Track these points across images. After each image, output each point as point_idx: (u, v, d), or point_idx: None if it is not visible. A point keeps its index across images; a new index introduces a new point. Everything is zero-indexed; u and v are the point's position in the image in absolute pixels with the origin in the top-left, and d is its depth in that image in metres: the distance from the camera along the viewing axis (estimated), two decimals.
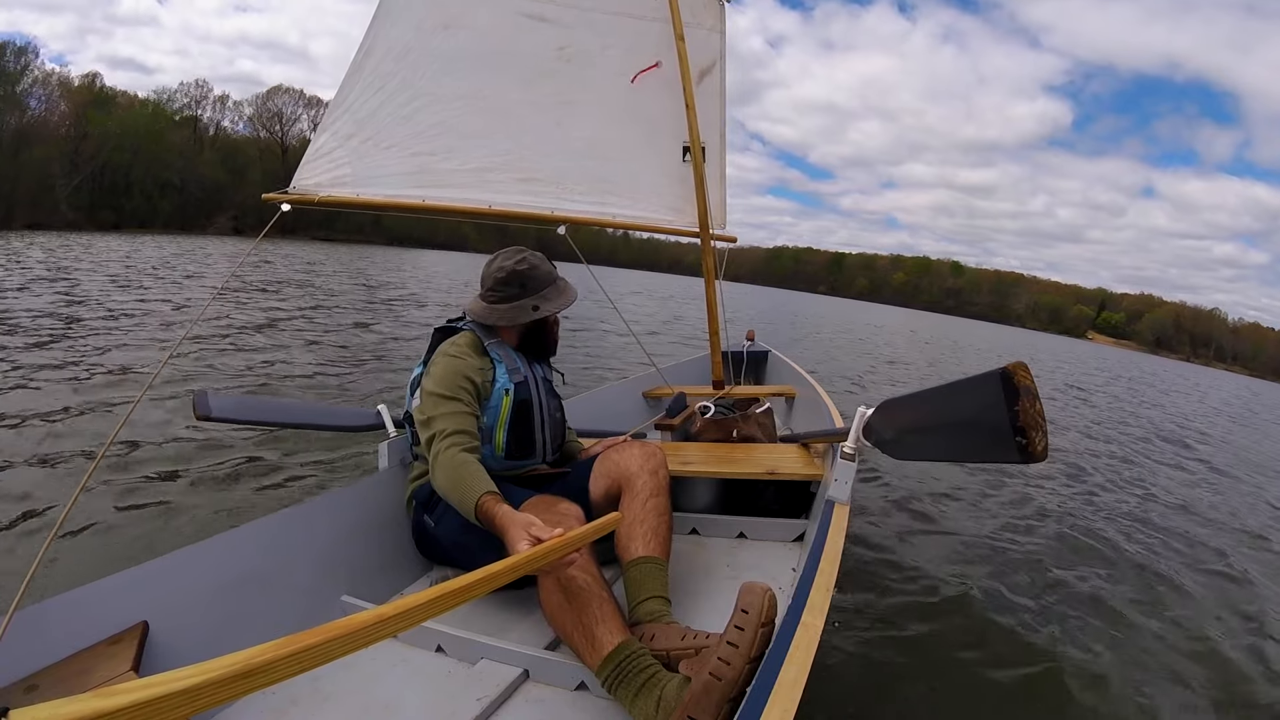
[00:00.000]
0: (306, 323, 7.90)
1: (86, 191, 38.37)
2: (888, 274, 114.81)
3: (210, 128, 53.17)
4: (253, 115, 56.64)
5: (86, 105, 41.55)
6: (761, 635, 0.99)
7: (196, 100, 52.65)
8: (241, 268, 13.13)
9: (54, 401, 3.74)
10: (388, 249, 45.36)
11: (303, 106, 57.85)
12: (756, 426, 2.34)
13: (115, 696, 0.46)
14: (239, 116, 55.99)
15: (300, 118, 57.54)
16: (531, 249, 1.72)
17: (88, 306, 7.35)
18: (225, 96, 55.36)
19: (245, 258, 6.81)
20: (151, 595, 1.21)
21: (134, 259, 15.20)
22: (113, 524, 2.40)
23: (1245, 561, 3.43)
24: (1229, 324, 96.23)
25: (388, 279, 17.35)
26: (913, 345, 20.12)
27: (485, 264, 1.71)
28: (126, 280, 10.70)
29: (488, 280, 1.67)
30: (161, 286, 10.40)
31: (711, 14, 3.29)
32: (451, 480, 1.36)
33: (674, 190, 3.13)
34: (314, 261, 20.77)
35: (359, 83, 2.59)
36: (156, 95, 50.42)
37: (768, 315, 22.44)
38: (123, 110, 44.65)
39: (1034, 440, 0.91)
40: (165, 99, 50.34)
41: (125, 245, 20.14)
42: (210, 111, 53.72)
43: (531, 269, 1.66)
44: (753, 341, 4.47)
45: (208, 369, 5.00)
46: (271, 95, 57.86)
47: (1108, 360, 34.42)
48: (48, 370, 4.44)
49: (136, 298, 8.54)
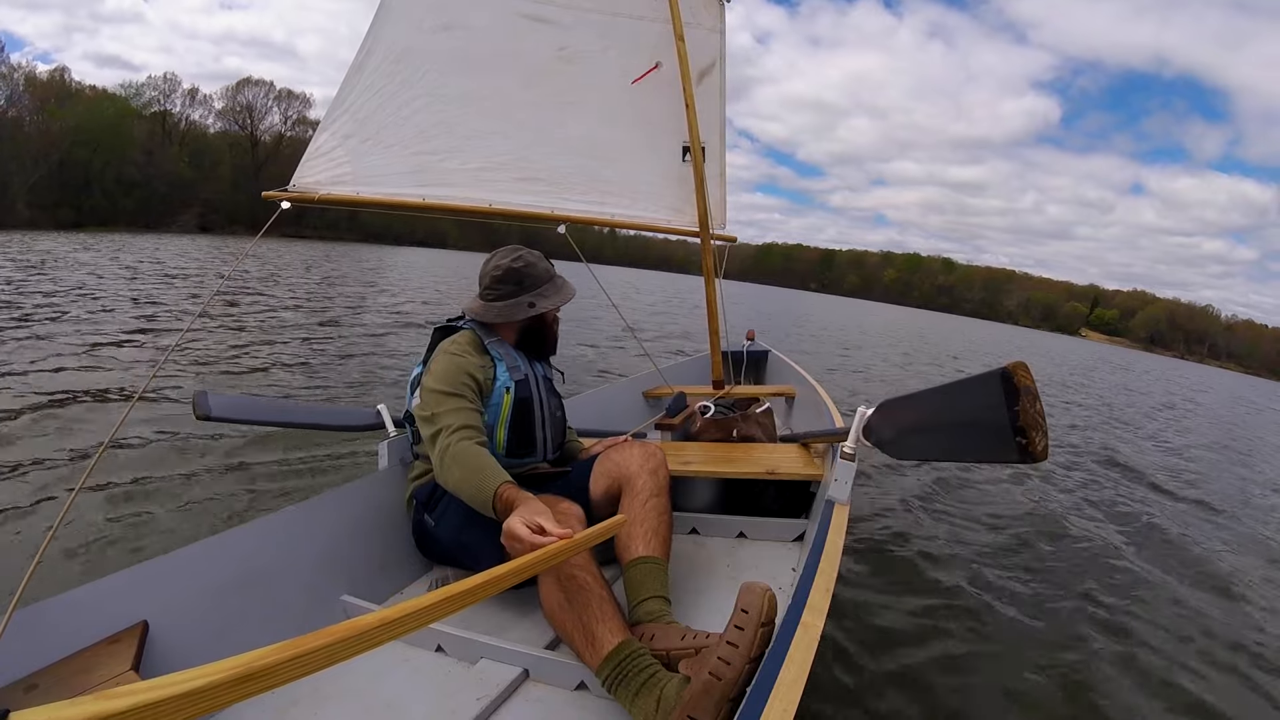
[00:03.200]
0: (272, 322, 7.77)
1: (45, 189, 36.24)
2: (878, 271, 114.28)
3: (180, 121, 50.80)
4: (223, 109, 53.71)
5: (50, 100, 39.73)
6: (761, 635, 0.99)
7: (165, 94, 50.35)
8: (238, 266, 12.92)
9: (53, 401, 3.74)
10: (362, 246, 43.49)
11: (274, 100, 55.57)
12: (756, 426, 2.34)
13: (116, 699, 0.46)
14: (209, 110, 53.02)
15: (271, 110, 55.39)
16: (531, 246, 1.74)
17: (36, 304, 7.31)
18: (195, 90, 52.55)
19: (243, 257, 6.77)
20: (151, 595, 1.21)
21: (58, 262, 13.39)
22: (112, 524, 2.40)
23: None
24: (1222, 321, 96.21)
25: (362, 284, 15.49)
26: (937, 358, 15.83)
27: (483, 263, 1.72)
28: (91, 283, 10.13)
29: (484, 279, 1.68)
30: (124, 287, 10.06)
31: (711, 14, 3.29)
32: (466, 472, 1.34)
33: (674, 190, 3.13)
34: (273, 260, 18.87)
35: (359, 83, 2.59)
36: (123, 89, 48.33)
37: (752, 316, 21.86)
38: (88, 104, 42.63)
39: (1034, 440, 0.91)
40: (132, 93, 48.29)
41: (68, 245, 18.31)
42: (180, 106, 51.47)
43: (528, 266, 1.66)
44: (753, 341, 4.47)
45: (198, 369, 5.00)
46: (242, 88, 54.47)
47: (1122, 360, 34.06)
48: (42, 371, 4.44)
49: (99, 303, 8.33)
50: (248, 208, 45.88)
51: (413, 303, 11.95)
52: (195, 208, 44.91)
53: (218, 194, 46.69)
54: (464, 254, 43.87)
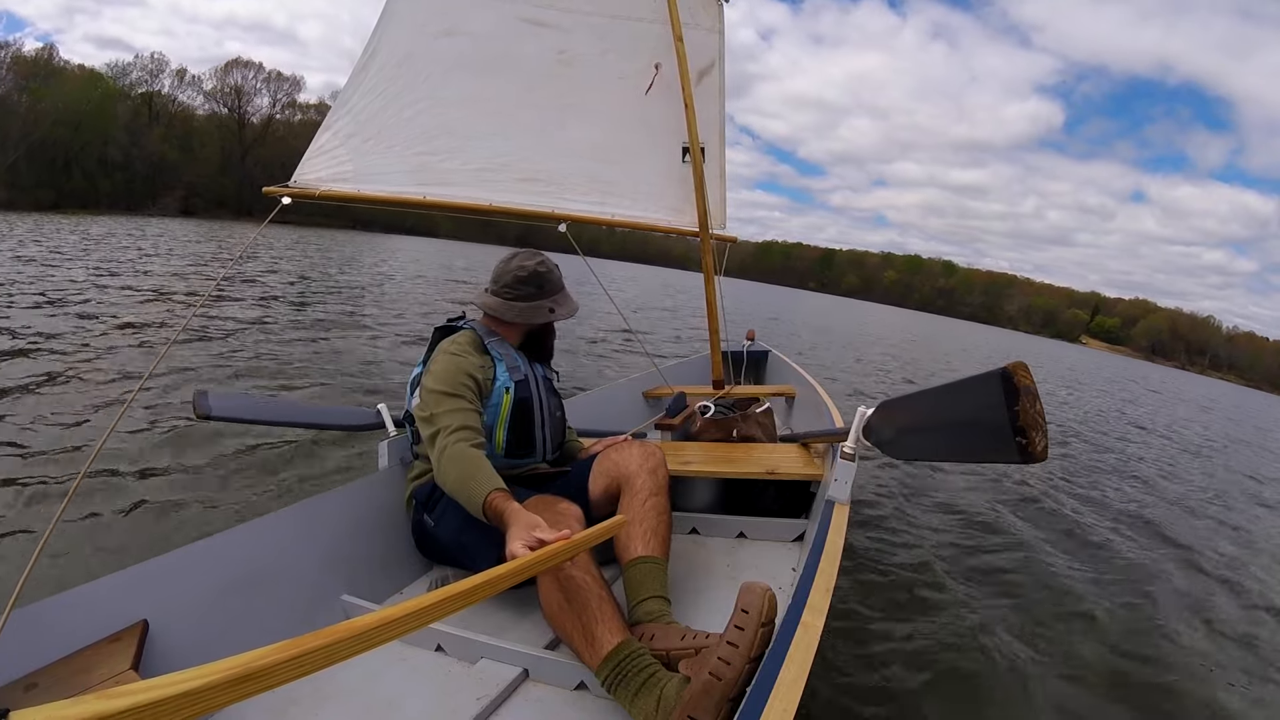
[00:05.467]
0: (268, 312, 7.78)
1: (24, 169, 35.34)
2: (878, 272, 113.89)
3: (170, 103, 49.36)
4: (211, 90, 51.98)
5: (34, 78, 38.61)
6: (761, 635, 0.99)
7: (153, 74, 48.76)
8: (241, 259, 12.69)
9: (50, 400, 3.73)
10: (352, 233, 41.93)
11: (263, 81, 54.00)
12: (756, 426, 2.34)
13: (116, 699, 0.46)
14: (198, 92, 51.60)
15: (261, 93, 53.83)
16: (516, 242, 1.74)
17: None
18: (183, 70, 51.12)
19: (245, 249, 6.73)
20: (151, 594, 1.21)
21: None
22: (111, 523, 2.39)
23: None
24: (1223, 333, 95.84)
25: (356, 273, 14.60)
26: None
27: (501, 261, 1.72)
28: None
29: (505, 277, 1.68)
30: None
31: (710, 14, 3.29)
32: (460, 475, 1.35)
33: (674, 190, 3.14)
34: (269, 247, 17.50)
35: (363, 84, 2.64)
36: (108, 69, 46.58)
37: (746, 315, 21.13)
38: (72, 83, 41.45)
39: (1034, 440, 0.91)
40: (118, 73, 46.86)
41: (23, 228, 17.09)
42: (168, 86, 49.69)
43: (549, 272, 1.69)
44: (753, 341, 4.47)
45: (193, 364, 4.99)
46: (230, 69, 52.88)
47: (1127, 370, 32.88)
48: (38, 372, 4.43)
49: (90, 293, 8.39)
50: (234, 191, 45.35)
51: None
52: (178, 190, 43.86)
53: (202, 177, 45.68)
54: (456, 244, 42.82)
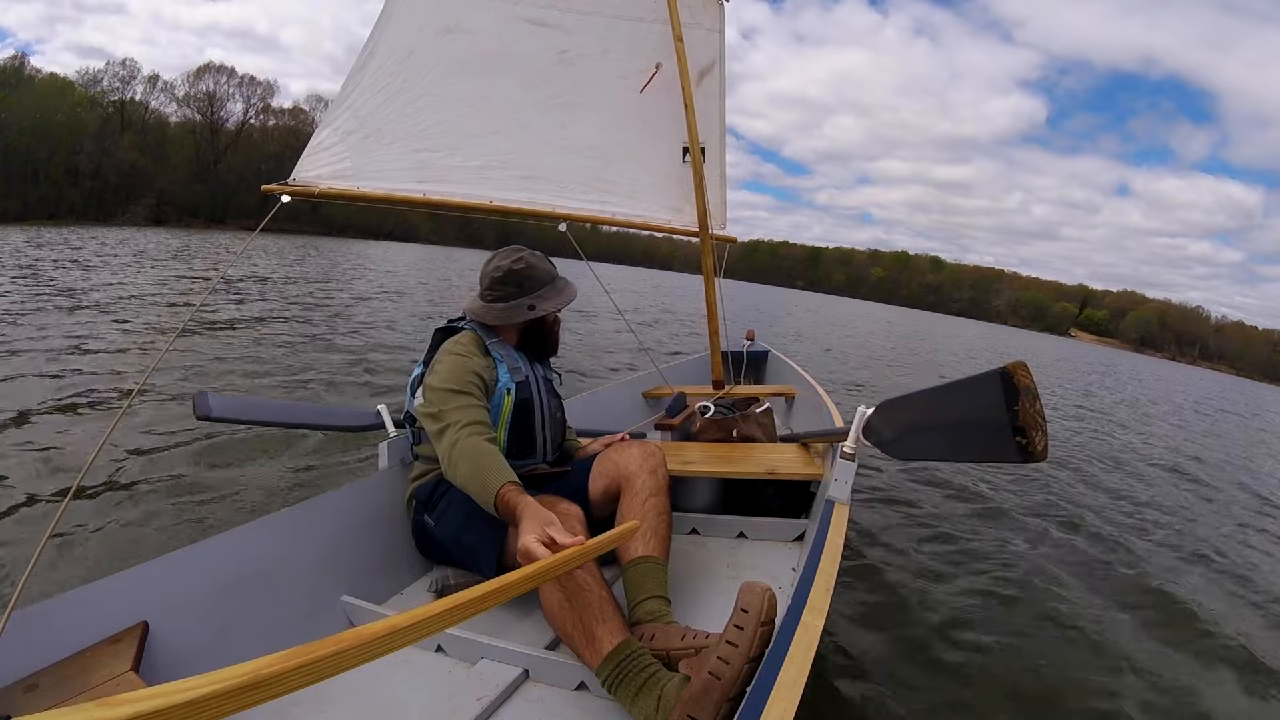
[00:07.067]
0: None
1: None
2: (865, 269, 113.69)
3: (144, 110, 48.86)
4: (184, 96, 51.80)
5: (1, 88, 38.03)
6: (761, 635, 0.99)
7: (125, 80, 48.35)
8: (238, 260, 12.57)
9: (49, 400, 3.73)
10: (328, 239, 40.65)
11: (236, 86, 53.66)
12: (756, 426, 2.34)
13: (118, 706, 0.45)
14: (170, 98, 51.45)
15: (234, 98, 53.37)
16: (507, 243, 1.74)
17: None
18: (155, 76, 50.88)
19: (241, 252, 6.70)
20: (151, 595, 1.21)
21: None
22: (111, 524, 2.39)
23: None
24: (1212, 323, 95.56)
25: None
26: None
27: (484, 263, 1.71)
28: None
29: (485, 279, 1.68)
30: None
31: (710, 13, 3.29)
32: (472, 468, 1.32)
33: (674, 190, 3.13)
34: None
35: (362, 81, 2.62)
36: (79, 76, 46.34)
37: (745, 316, 20.34)
38: (40, 91, 41.07)
39: (1034, 440, 0.92)
40: (89, 80, 46.35)
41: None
42: (140, 93, 49.33)
43: (529, 268, 1.66)
44: (753, 341, 4.47)
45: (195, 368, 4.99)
46: (203, 74, 52.95)
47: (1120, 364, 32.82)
48: (35, 372, 4.43)
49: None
50: (206, 199, 44.52)
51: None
52: (149, 199, 42.97)
53: (173, 185, 44.82)
54: (437, 248, 41.93)
